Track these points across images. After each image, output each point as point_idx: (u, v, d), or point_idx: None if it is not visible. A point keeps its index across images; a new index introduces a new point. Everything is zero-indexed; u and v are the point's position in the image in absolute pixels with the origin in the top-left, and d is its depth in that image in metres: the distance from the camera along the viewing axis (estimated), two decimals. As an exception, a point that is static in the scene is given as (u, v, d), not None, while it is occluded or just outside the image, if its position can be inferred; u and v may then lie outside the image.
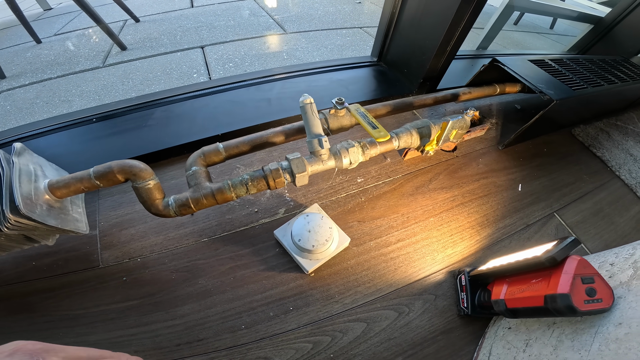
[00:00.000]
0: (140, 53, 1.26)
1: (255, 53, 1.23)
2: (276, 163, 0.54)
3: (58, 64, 1.32)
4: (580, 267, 0.37)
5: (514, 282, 0.46)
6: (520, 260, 0.46)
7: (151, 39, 1.37)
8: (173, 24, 1.54)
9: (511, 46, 1.56)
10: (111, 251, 0.57)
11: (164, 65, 1.17)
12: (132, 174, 0.48)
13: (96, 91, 1.09)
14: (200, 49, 1.27)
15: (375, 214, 0.64)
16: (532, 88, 0.70)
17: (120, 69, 1.18)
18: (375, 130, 0.50)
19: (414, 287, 0.56)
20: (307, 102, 0.54)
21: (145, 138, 0.72)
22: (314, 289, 0.54)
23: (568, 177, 0.82)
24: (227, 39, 1.32)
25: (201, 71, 1.13)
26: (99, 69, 1.22)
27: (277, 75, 0.87)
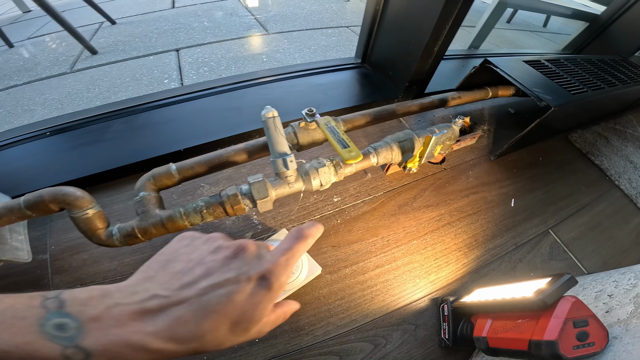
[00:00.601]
0: (111, 57, 1.18)
1: (233, 56, 1.16)
2: (235, 187, 0.48)
3: (26, 70, 1.24)
4: (573, 310, 0.33)
5: (500, 318, 0.41)
6: (507, 299, 0.41)
7: (124, 42, 1.29)
8: (150, 26, 1.46)
9: (504, 45, 1.50)
10: (62, 276, 0.52)
11: (134, 70, 1.09)
12: (66, 203, 0.41)
13: (60, 99, 1.02)
14: (175, 52, 1.19)
15: (352, 237, 0.58)
16: (528, 93, 0.64)
17: (87, 74, 1.11)
18: (346, 150, 0.43)
19: (392, 317, 0.51)
20: (269, 116, 0.47)
21: (99, 154, 0.65)
22: None
23: (564, 189, 0.76)
24: (204, 41, 1.25)
25: (173, 76, 1.05)
26: (65, 75, 1.14)
27: (251, 81, 0.80)
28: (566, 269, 0.63)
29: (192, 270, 0.21)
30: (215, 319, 0.19)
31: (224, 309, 0.19)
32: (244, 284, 0.20)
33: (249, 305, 0.20)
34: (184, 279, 0.20)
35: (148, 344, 0.17)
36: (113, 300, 0.18)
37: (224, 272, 0.21)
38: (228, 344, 0.20)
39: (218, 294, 0.19)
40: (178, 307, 0.18)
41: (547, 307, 0.34)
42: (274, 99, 0.76)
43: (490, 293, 0.47)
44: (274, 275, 0.22)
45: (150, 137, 0.68)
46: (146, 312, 0.18)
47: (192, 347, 0.19)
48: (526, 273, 0.60)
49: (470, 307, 0.47)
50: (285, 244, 0.24)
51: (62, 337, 0.16)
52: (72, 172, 0.63)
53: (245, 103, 0.75)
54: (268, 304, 0.21)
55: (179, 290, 0.19)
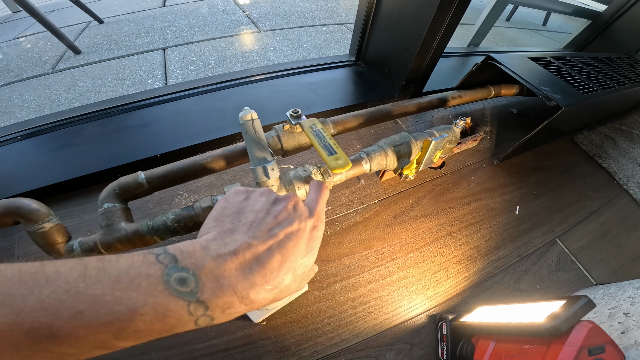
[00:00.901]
0: (94, 57, 1.13)
1: (222, 54, 1.11)
2: (209, 199, 0.43)
3: (8, 71, 1.18)
4: (590, 337, 0.30)
5: (504, 341, 0.37)
6: (513, 323, 0.37)
7: (110, 42, 1.24)
8: (138, 24, 1.41)
9: (504, 43, 1.45)
10: None
11: (117, 70, 1.04)
12: (20, 216, 0.37)
13: (38, 101, 0.96)
14: (162, 51, 1.14)
15: (342, 250, 0.53)
16: (536, 92, 0.59)
17: (68, 75, 1.05)
18: (332, 158, 0.38)
19: (386, 336, 0.46)
20: (247, 118, 0.42)
21: (71, 160, 0.60)
22: (265, 339, 0.44)
23: (571, 195, 0.71)
24: (192, 40, 1.20)
25: (157, 76, 1.00)
26: (46, 76, 1.09)
27: (236, 80, 0.75)
28: (574, 280, 0.58)
29: (264, 220, 0.23)
30: (289, 263, 0.21)
31: (294, 253, 0.22)
32: (304, 231, 0.23)
33: (307, 249, 0.23)
34: (262, 227, 0.22)
35: (250, 293, 0.18)
36: (213, 252, 0.19)
37: (290, 220, 0.23)
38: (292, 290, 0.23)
39: (290, 239, 0.22)
40: (265, 255, 0.20)
41: (560, 334, 0.30)
42: (260, 99, 0.71)
43: (494, 312, 0.43)
44: (320, 221, 0.26)
45: (126, 141, 0.63)
46: (244, 262, 0.19)
47: (275, 294, 0.20)
48: (532, 286, 0.55)
49: (471, 327, 0.43)
50: (314, 194, 0.29)
51: (186, 292, 0.16)
52: (41, 178, 0.58)
53: (229, 104, 0.69)
54: (318, 247, 0.25)
55: (262, 238, 0.21)
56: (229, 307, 0.18)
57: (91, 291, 0.14)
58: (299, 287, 0.24)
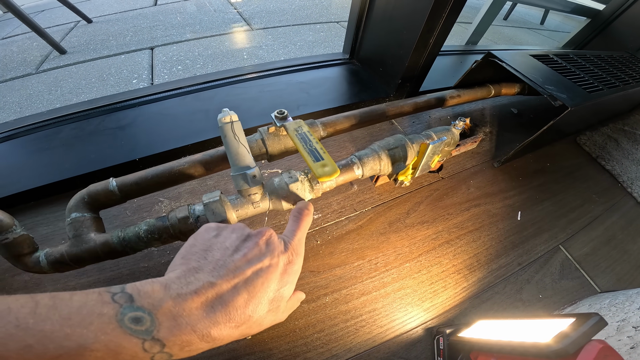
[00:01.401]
0: (80, 57, 1.09)
1: (211, 53, 1.07)
2: (186, 208, 0.39)
3: (-6, 71, 1.15)
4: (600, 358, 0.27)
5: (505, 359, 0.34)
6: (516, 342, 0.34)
7: (97, 41, 1.20)
8: (127, 23, 1.37)
9: (502, 41, 1.42)
10: None
11: (102, 70, 1.00)
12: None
13: (19, 102, 0.92)
14: (149, 51, 1.10)
15: (333, 261, 0.49)
16: (540, 91, 0.55)
17: (52, 75, 1.01)
18: (318, 164, 0.34)
19: (379, 351, 0.43)
20: (226, 120, 0.39)
21: (46, 164, 0.56)
22: (251, 355, 0.41)
23: (575, 199, 0.68)
24: (182, 39, 1.16)
25: (143, 76, 0.96)
26: (30, 76, 1.05)
27: (222, 80, 0.71)
28: (578, 288, 0.55)
29: (232, 257, 0.22)
30: (258, 299, 0.21)
31: (263, 289, 0.22)
32: (275, 267, 0.23)
33: (280, 284, 0.23)
34: (229, 265, 0.21)
35: (211, 331, 0.18)
36: (174, 291, 0.19)
37: (260, 257, 0.23)
38: (265, 324, 0.23)
39: (258, 276, 0.22)
40: (230, 293, 0.20)
41: (567, 355, 0.28)
42: (247, 99, 0.68)
43: (495, 327, 0.40)
44: (296, 254, 0.26)
45: (103, 145, 0.59)
46: (205, 301, 0.19)
47: (242, 330, 0.20)
48: (534, 295, 0.52)
49: (469, 342, 0.40)
50: (292, 225, 0.29)
51: (140, 330, 0.16)
52: (14, 185, 0.54)
53: (214, 105, 0.66)
54: (294, 280, 0.25)
55: (227, 277, 0.21)
56: (187, 345, 0.18)
57: (40, 327, 0.15)
58: (276, 319, 0.24)
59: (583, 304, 0.54)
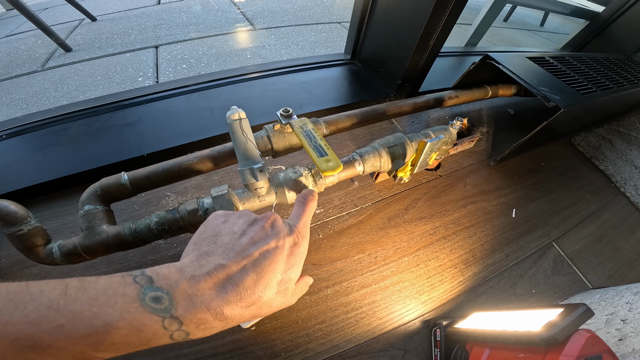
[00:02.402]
0: (85, 55, 1.11)
1: (215, 52, 1.09)
2: (195, 201, 0.41)
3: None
4: (587, 346, 0.29)
5: (498, 349, 0.36)
6: (509, 331, 0.36)
7: (101, 39, 1.22)
8: (132, 22, 1.39)
9: (501, 43, 1.44)
10: None
11: (107, 68, 1.01)
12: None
13: (26, 99, 0.94)
14: (154, 49, 1.12)
15: (335, 254, 0.51)
16: (534, 92, 0.57)
17: (57, 73, 1.03)
18: (323, 159, 0.36)
19: (378, 342, 0.45)
20: (234, 117, 0.41)
21: (55, 160, 0.58)
22: (254, 345, 0.43)
23: (568, 198, 0.70)
24: (186, 37, 1.18)
25: (148, 74, 0.98)
26: (36, 74, 1.06)
27: (227, 79, 0.73)
28: (570, 284, 0.57)
29: (240, 240, 0.23)
30: (267, 280, 0.22)
31: (271, 270, 0.22)
32: (282, 248, 0.24)
33: (287, 265, 0.24)
34: (236, 248, 0.23)
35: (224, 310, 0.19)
36: (188, 274, 0.20)
37: (266, 239, 0.24)
38: (275, 306, 0.23)
39: (266, 257, 0.23)
40: (239, 274, 0.21)
41: (556, 343, 0.30)
42: (251, 98, 0.69)
43: (489, 319, 0.42)
44: (301, 237, 0.26)
45: (111, 141, 0.61)
46: (217, 282, 0.20)
47: (252, 310, 0.21)
48: (527, 290, 0.54)
49: (465, 333, 0.42)
50: (298, 209, 0.30)
51: (160, 309, 0.17)
52: (25, 179, 0.56)
53: (218, 103, 0.67)
54: (301, 262, 0.26)
55: (235, 259, 0.22)
56: (203, 323, 0.19)
57: (70, 307, 0.16)
58: (285, 302, 0.25)
59: (575, 299, 0.56)
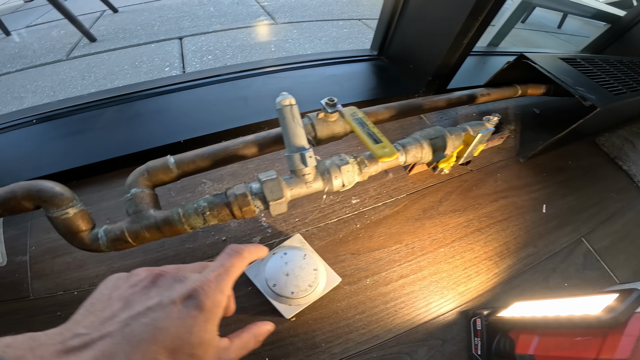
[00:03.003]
0: (110, 45, 1.12)
1: (239, 44, 1.09)
2: (244, 186, 0.40)
3: (21, 57, 1.17)
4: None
5: (549, 335, 0.37)
6: (563, 316, 0.36)
7: (125, 30, 1.23)
8: (153, 14, 1.40)
9: (520, 44, 1.44)
10: (43, 281, 0.46)
11: (133, 58, 1.03)
12: (42, 200, 0.34)
13: (52, 86, 0.95)
14: (178, 40, 1.13)
15: (373, 244, 0.52)
16: (571, 92, 0.58)
17: (84, 62, 1.04)
18: (378, 146, 0.37)
19: (417, 332, 0.46)
20: (285, 103, 0.41)
21: (90, 144, 0.59)
22: (295, 336, 0.43)
23: (594, 195, 0.71)
24: (209, 30, 1.18)
25: (175, 64, 0.99)
26: (61, 62, 1.07)
27: (258, 70, 0.74)
28: (600, 279, 0.58)
29: (112, 305, 0.20)
30: (145, 348, 0.18)
31: (152, 337, 0.19)
32: (168, 308, 0.20)
33: (181, 329, 0.19)
34: (103, 315, 0.19)
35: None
36: (38, 342, 0.17)
37: (144, 300, 0.20)
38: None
39: (142, 323, 0.19)
40: (101, 341, 0.18)
41: (619, 325, 0.31)
42: (283, 88, 0.69)
43: (534, 308, 0.42)
44: (204, 293, 0.21)
45: (146, 127, 0.62)
46: (69, 350, 0.17)
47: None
48: (560, 283, 0.55)
49: (509, 322, 0.43)
50: (217, 261, 0.24)
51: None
52: (58, 163, 0.56)
53: (251, 92, 0.68)
54: (205, 324, 0.20)
55: (100, 326, 0.19)
56: None
57: None
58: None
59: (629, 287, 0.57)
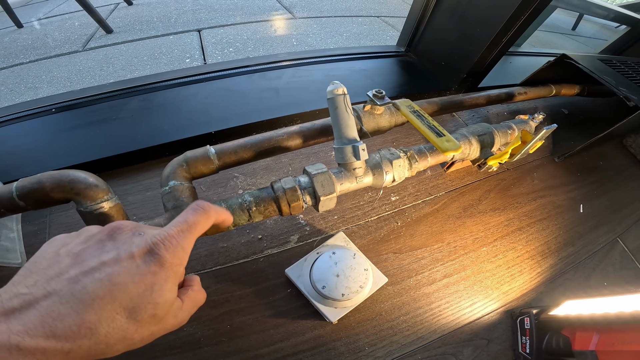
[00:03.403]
0: (127, 36, 1.10)
1: (260, 37, 1.08)
2: (292, 179, 0.38)
3: (34, 49, 1.15)
4: None
5: (611, 332, 0.37)
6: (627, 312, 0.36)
7: (142, 22, 1.21)
8: (169, 6, 1.38)
9: (539, 45, 1.43)
10: None
11: (152, 50, 1.01)
12: (74, 192, 0.30)
13: (69, 77, 0.93)
14: (197, 33, 1.11)
15: (414, 243, 0.50)
16: (615, 92, 0.57)
17: (101, 53, 1.02)
18: (442, 139, 0.35)
19: (462, 332, 0.44)
20: (338, 92, 0.39)
21: (114, 135, 0.56)
22: (337, 340, 0.41)
23: (626, 196, 0.70)
24: (228, 22, 1.17)
25: (195, 56, 0.97)
26: (77, 53, 1.05)
27: (286, 62, 0.72)
28: (636, 278, 0.57)
29: (60, 262, 0.18)
30: (100, 307, 0.17)
31: (108, 294, 0.17)
32: (127, 263, 0.18)
33: (142, 286, 0.18)
34: (49, 272, 0.17)
35: (21, 343, 0.15)
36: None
37: (98, 255, 0.18)
38: (139, 338, 0.18)
39: (95, 279, 0.17)
40: (46, 300, 0.16)
41: None
42: (313, 81, 0.68)
43: (587, 306, 0.42)
44: (164, 247, 0.19)
45: (173, 118, 0.60)
46: (9, 311, 0.16)
47: (86, 344, 0.16)
48: (600, 282, 0.54)
49: (562, 320, 0.42)
50: (181, 216, 0.22)
51: None
52: (79, 154, 0.53)
53: (281, 84, 0.67)
54: (167, 280, 0.19)
55: (45, 284, 0.17)
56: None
57: None
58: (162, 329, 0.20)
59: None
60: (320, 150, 0.60)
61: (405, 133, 0.66)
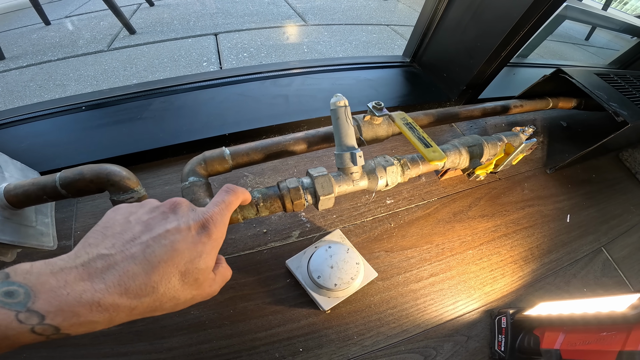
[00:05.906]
0: (149, 38, 1.17)
1: (273, 44, 1.13)
2: (295, 180, 0.43)
3: (62, 46, 1.23)
4: None
5: (575, 332, 0.40)
6: (590, 313, 0.40)
7: (162, 24, 1.28)
8: (188, 9, 1.45)
9: (548, 56, 1.45)
10: None
11: (172, 52, 1.07)
12: (110, 183, 0.36)
13: (95, 76, 1.00)
14: (214, 36, 1.17)
15: (405, 243, 0.55)
16: (605, 107, 0.60)
17: (125, 53, 1.09)
18: (429, 150, 0.40)
19: (444, 328, 0.48)
20: (340, 104, 0.44)
21: (138, 133, 0.62)
22: (329, 328, 0.46)
23: (615, 208, 0.73)
24: (242, 27, 1.23)
25: (212, 60, 1.03)
26: (102, 53, 1.13)
27: (295, 70, 0.77)
28: (615, 286, 0.60)
29: (132, 228, 0.21)
30: (163, 269, 0.19)
31: (170, 258, 0.20)
32: (185, 233, 0.21)
33: (194, 253, 0.21)
34: (125, 236, 0.20)
35: (101, 300, 0.17)
36: (57, 266, 0.18)
37: (163, 224, 0.21)
38: (183, 299, 0.21)
39: (162, 244, 0.20)
40: (125, 262, 0.19)
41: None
42: (321, 89, 0.73)
43: (559, 307, 0.45)
44: (213, 223, 0.23)
45: (192, 119, 0.66)
46: (93, 272, 0.18)
47: (147, 302, 0.19)
48: (579, 289, 0.57)
49: (534, 320, 0.46)
50: (218, 197, 0.26)
51: (13, 302, 0.16)
52: (107, 149, 0.59)
53: (291, 91, 0.72)
54: (211, 251, 0.22)
55: (122, 247, 0.19)
56: (75, 316, 0.17)
57: None
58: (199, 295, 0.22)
59: None
60: (323, 154, 0.66)
61: (403, 142, 0.70)
